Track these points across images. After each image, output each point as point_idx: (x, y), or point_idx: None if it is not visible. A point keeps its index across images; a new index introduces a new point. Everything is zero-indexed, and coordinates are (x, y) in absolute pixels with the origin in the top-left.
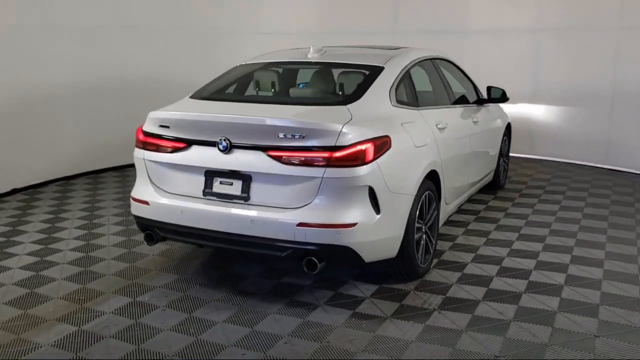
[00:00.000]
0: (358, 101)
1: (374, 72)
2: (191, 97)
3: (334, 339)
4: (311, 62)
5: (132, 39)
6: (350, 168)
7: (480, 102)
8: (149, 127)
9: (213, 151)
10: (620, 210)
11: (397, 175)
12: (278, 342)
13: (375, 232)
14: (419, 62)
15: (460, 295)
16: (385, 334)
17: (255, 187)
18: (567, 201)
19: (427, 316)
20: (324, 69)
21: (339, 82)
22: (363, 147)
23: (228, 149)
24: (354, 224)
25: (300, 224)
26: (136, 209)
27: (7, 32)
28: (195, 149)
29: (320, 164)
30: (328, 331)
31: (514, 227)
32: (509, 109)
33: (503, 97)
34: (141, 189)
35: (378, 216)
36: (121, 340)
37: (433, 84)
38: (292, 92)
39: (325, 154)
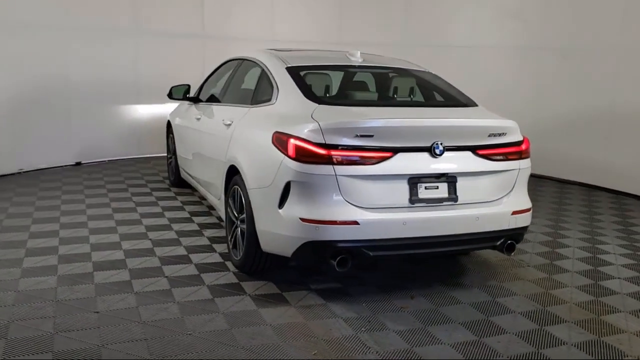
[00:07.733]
0: (478, 104)
1: (438, 77)
2: (321, 103)
3: (538, 303)
4: (390, 67)
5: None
6: (528, 159)
7: None
8: (334, 139)
9: (421, 157)
10: None
11: None
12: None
13: None
14: None
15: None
16: (555, 293)
17: (460, 186)
18: None
19: (550, 275)
20: (404, 74)
21: (425, 86)
22: (526, 141)
23: (443, 152)
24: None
25: (514, 212)
26: (333, 233)
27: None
28: (401, 156)
29: (516, 157)
30: (532, 312)
31: None
32: None
33: None
34: (332, 209)
35: None
36: None
37: None
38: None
39: (519, 149)
